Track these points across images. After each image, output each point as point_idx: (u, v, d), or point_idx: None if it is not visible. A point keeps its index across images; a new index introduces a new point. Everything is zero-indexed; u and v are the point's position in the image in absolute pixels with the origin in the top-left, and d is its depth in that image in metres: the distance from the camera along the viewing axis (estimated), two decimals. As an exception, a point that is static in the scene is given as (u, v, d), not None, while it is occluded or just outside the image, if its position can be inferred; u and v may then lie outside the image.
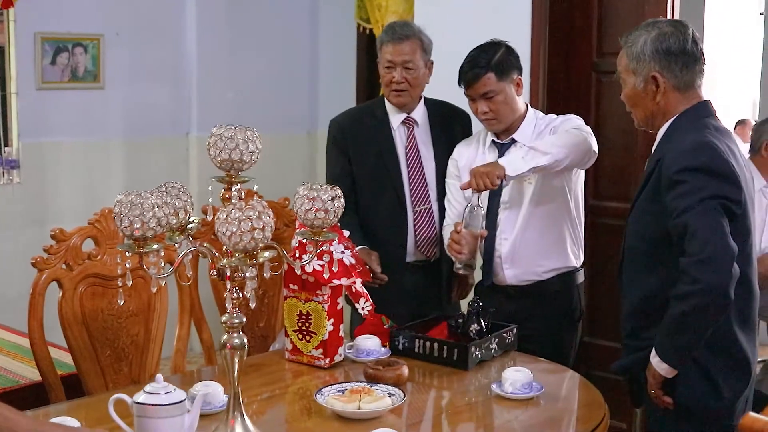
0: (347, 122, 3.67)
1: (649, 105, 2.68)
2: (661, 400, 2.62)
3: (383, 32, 3.56)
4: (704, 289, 2.42)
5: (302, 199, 2.25)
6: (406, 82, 3.49)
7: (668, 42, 2.63)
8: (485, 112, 3.25)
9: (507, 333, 2.99)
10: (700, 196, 2.45)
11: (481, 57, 3.24)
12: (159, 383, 2.19)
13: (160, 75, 5.75)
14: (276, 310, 3.41)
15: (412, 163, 3.57)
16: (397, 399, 2.47)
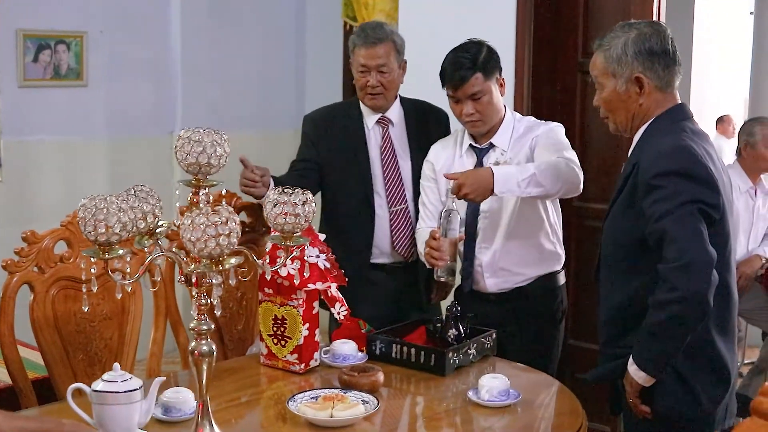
0: (320, 119, 3.65)
1: (631, 107, 2.63)
2: (638, 409, 2.58)
3: (355, 35, 3.50)
4: (683, 297, 2.38)
5: (272, 203, 2.21)
6: (381, 86, 3.46)
7: (650, 42, 2.59)
8: (471, 114, 3.19)
9: (486, 338, 2.96)
10: (677, 201, 2.41)
11: (466, 57, 3.18)
12: (116, 372, 2.24)
13: (144, 73, 5.71)
14: (254, 313, 3.36)
15: (387, 163, 3.53)
16: (370, 406, 2.43)
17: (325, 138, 3.57)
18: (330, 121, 3.61)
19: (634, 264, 2.59)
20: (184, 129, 2.25)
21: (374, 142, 3.55)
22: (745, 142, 4.98)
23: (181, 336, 3.23)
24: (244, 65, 6.12)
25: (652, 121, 2.62)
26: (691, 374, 2.54)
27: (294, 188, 2.20)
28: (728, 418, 2.67)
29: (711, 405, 2.58)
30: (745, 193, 4.95)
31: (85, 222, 2.02)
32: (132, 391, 2.21)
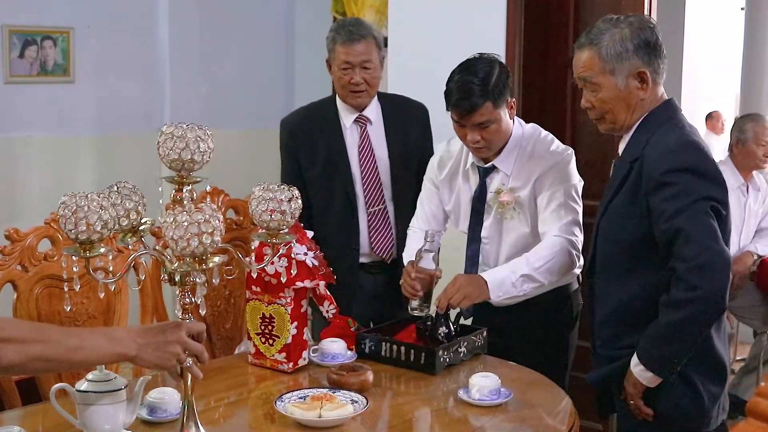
0: (296, 123, 3.58)
1: (632, 103, 2.56)
2: (641, 410, 2.55)
3: (334, 32, 3.44)
4: (702, 296, 2.36)
5: (258, 199, 2.18)
6: (365, 83, 3.40)
7: (646, 36, 2.54)
8: (477, 141, 2.99)
9: (476, 336, 2.92)
10: (690, 199, 2.38)
11: (475, 83, 2.92)
12: (100, 371, 2.21)
13: (131, 69, 5.68)
14: (242, 311, 3.31)
15: (365, 164, 3.48)
16: (359, 406, 2.40)
17: (302, 143, 3.52)
18: (307, 124, 3.54)
19: (634, 264, 2.55)
20: (166, 125, 2.21)
21: (352, 142, 3.50)
22: (737, 139, 4.97)
23: (168, 335, 3.19)
24: (234, 61, 6.08)
25: (645, 117, 2.58)
26: (692, 372, 2.52)
27: (280, 185, 2.16)
28: (720, 414, 2.65)
29: (710, 403, 2.56)
30: (736, 189, 4.93)
31: (66, 220, 1.98)
32: (117, 391, 2.20)
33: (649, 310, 2.47)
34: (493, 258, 3.15)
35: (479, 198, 3.13)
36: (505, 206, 3.06)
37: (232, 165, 6.05)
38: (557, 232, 2.99)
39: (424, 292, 2.96)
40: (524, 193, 3.05)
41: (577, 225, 3.05)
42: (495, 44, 4.23)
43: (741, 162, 4.95)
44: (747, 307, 4.94)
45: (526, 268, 2.93)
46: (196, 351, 2.12)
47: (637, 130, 2.58)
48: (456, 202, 3.21)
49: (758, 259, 4.89)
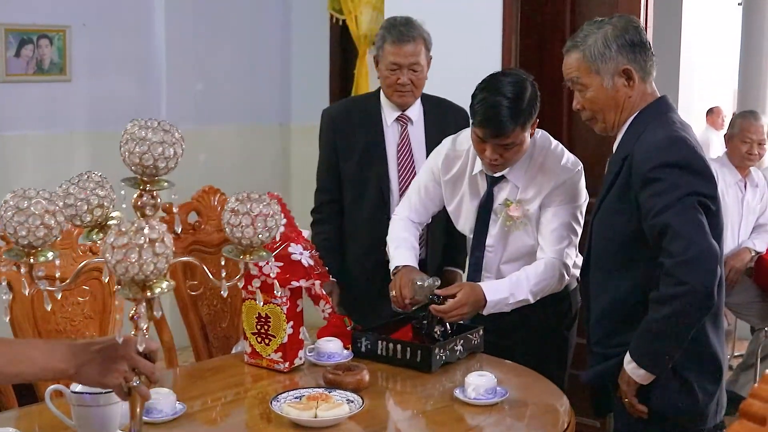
0: (338, 113, 3.58)
1: (620, 101, 2.58)
2: (636, 408, 2.55)
3: (385, 31, 3.40)
4: (690, 291, 2.36)
5: (229, 212, 1.92)
6: (412, 84, 3.39)
7: (629, 35, 2.56)
8: (496, 159, 2.93)
9: (473, 334, 2.92)
10: (678, 194, 2.38)
11: (505, 105, 2.83)
12: None
13: (128, 66, 5.66)
14: (239, 310, 3.31)
15: (403, 162, 3.48)
16: (355, 406, 2.39)
17: (342, 134, 3.51)
18: (348, 115, 3.54)
19: (626, 261, 2.56)
20: (131, 122, 1.95)
21: (392, 140, 3.50)
22: (728, 135, 4.99)
23: (164, 334, 3.18)
24: (229, 58, 6.07)
25: (636, 115, 2.58)
26: (686, 369, 2.52)
27: (259, 194, 1.96)
28: (719, 412, 2.65)
29: (706, 399, 2.56)
30: (734, 185, 4.94)
31: (5, 222, 1.78)
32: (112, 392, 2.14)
33: (642, 306, 2.48)
34: (495, 265, 3.14)
35: (485, 206, 3.10)
36: (514, 220, 3.04)
37: (228, 162, 6.07)
38: (555, 255, 3.00)
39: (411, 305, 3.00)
40: (533, 206, 3.04)
41: (574, 248, 3.07)
42: (491, 42, 4.23)
43: (732, 158, 4.96)
44: (744, 304, 4.94)
45: (526, 293, 2.95)
46: (145, 370, 1.94)
47: (629, 128, 2.59)
48: (458, 204, 3.19)
49: (756, 255, 4.89)
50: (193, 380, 2.76)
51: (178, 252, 3.17)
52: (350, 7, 5.94)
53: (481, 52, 4.24)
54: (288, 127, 6.41)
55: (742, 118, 5.04)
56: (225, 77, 6.05)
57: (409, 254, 3.14)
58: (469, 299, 2.87)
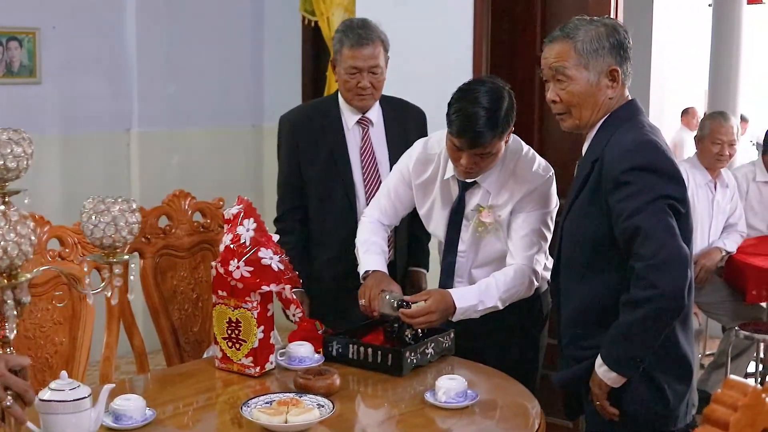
0: (298, 120, 3.52)
1: (600, 100, 2.57)
2: (607, 411, 2.56)
3: (342, 35, 3.35)
4: (661, 294, 2.37)
5: (89, 213, 1.89)
6: (372, 86, 3.36)
7: (620, 37, 2.56)
8: (471, 167, 2.92)
9: (444, 337, 2.92)
10: (648, 198, 2.39)
11: (482, 115, 2.81)
12: (64, 380, 2.18)
13: (98, 69, 5.63)
14: (210, 314, 3.30)
15: (367, 165, 3.46)
16: (326, 410, 2.39)
17: (304, 141, 3.46)
18: (308, 121, 3.49)
19: (597, 263, 2.57)
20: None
21: (354, 144, 3.46)
22: (698, 137, 5.02)
23: (135, 339, 3.18)
24: (201, 60, 6.05)
25: (606, 118, 2.59)
26: (657, 371, 2.54)
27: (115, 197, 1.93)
28: (689, 412, 2.66)
29: (676, 400, 2.58)
30: (704, 186, 4.97)
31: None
32: (80, 400, 2.16)
33: (612, 309, 2.49)
34: (466, 270, 3.14)
35: (457, 212, 3.10)
36: (486, 226, 3.05)
37: (200, 164, 6.05)
38: (525, 261, 3.01)
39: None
40: (505, 212, 3.04)
41: (544, 253, 3.08)
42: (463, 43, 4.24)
43: (702, 159, 5.00)
44: (715, 303, 4.98)
45: (495, 300, 2.95)
46: (18, 388, 1.83)
47: (599, 130, 2.59)
48: (430, 209, 3.18)
49: (726, 255, 4.93)
50: (163, 385, 2.75)
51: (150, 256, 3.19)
52: (322, 9, 5.93)
53: (453, 53, 4.25)
54: (260, 128, 6.40)
55: (712, 119, 5.08)
56: (197, 79, 6.03)
57: (379, 258, 3.14)
58: (438, 307, 2.87)
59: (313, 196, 3.48)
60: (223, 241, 2.74)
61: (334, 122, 3.46)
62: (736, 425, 1.31)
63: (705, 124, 5.03)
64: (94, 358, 3.04)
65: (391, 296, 2.91)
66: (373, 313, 2.96)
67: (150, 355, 3.25)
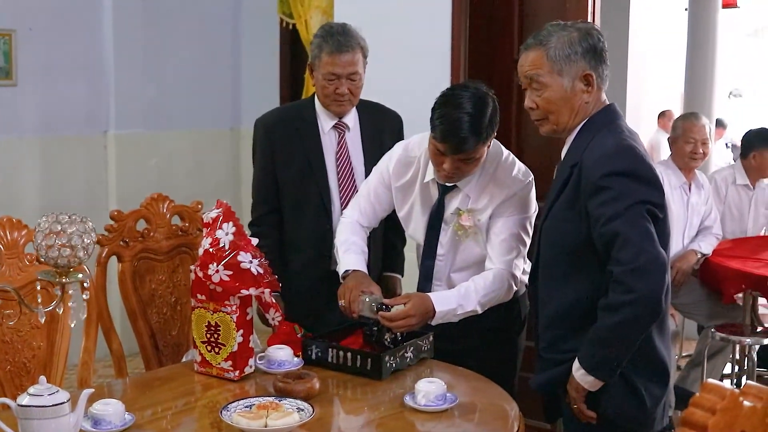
0: (273, 123, 3.50)
1: (576, 105, 2.58)
2: (585, 414, 2.57)
3: (322, 40, 3.33)
4: (639, 299, 2.38)
5: (43, 232, 1.89)
6: (350, 92, 3.35)
7: (593, 41, 2.57)
8: (453, 172, 2.93)
9: (423, 341, 2.93)
10: (627, 203, 2.41)
11: (469, 123, 2.81)
12: (42, 385, 2.18)
13: (76, 71, 5.60)
14: (189, 318, 3.29)
15: (342, 170, 3.44)
16: (305, 414, 2.39)
17: (279, 144, 3.45)
18: (284, 125, 3.47)
19: (575, 267, 2.58)
20: None
21: (330, 148, 3.45)
22: (672, 138, 5.05)
23: (114, 343, 3.17)
24: (179, 62, 6.03)
25: (585, 122, 2.60)
26: (634, 375, 2.55)
27: (71, 215, 1.92)
28: (665, 415, 2.68)
29: (653, 404, 2.59)
30: (678, 188, 5.00)
31: None
32: (59, 405, 2.16)
33: (590, 313, 2.50)
34: (445, 273, 3.15)
35: (437, 215, 3.10)
36: (465, 230, 3.05)
37: (178, 168, 6.03)
38: (504, 265, 3.02)
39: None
40: (484, 216, 3.04)
41: (522, 258, 3.09)
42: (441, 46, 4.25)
43: (676, 160, 5.03)
44: (692, 303, 5.01)
45: (474, 304, 2.95)
46: None
47: (578, 135, 2.61)
48: (409, 211, 3.17)
49: (702, 257, 4.96)
50: (142, 390, 2.75)
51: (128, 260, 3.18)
52: (300, 12, 5.93)
53: (431, 57, 4.26)
54: (238, 131, 6.38)
55: (684, 119, 5.13)
56: (174, 81, 6.00)
57: (359, 258, 3.13)
58: (418, 310, 2.87)
59: (287, 200, 3.47)
60: (202, 245, 2.74)
61: (310, 126, 3.45)
62: (714, 428, 1.33)
63: (677, 125, 5.07)
64: (71, 362, 3.03)
65: (371, 299, 2.92)
66: (353, 314, 2.96)
67: (128, 358, 3.24)
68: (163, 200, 3.32)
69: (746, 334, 4.74)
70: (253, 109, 6.29)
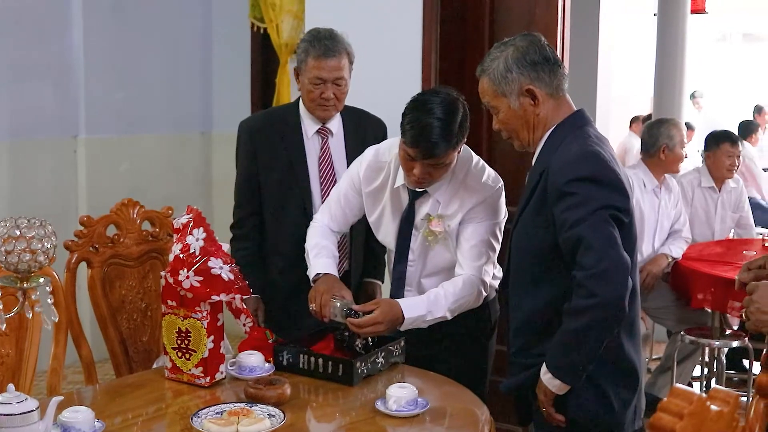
0: (257, 126, 3.51)
1: (530, 120, 2.62)
2: (553, 418, 2.59)
3: (308, 44, 3.33)
4: (601, 303, 2.40)
5: (2, 238, 1.87)
6: (335, 98, 3.35)
7: (529, 54, 2.59)
8: (423, 177, 2.93)
9: (394, 346, 2.93)
10: (590, 208, 2.43)
11: (439, 128, 2.82)
12: (10, 393, 2.16)
13: (44, 74, 5.55)
14: (160, 324, 3.28)
15: (324, 175, 3.44)
16: (277, 420, 2.39)
17: (262, 147, 3.45)
18: (268, 129, 3.48)
19: (544, 272, 2.59)
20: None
21: (313, 153, 3.45)
22: (664, 145, 5.03)
23: (83, 349, 3.15)
24: (150, 66, 6.00)
25: (553, 129, 2.62)
26: (602, 378, 2.57)
27: (30, 219, 1.90)
28: (637, 419, 2.70)
29: (623, 407, 2.61)
30: (650, 192, 5.04)
31: None
32: (28, 413, 2.14)
33: (558, 318, 2.51)
34: (416, 279, 3.16)
35: (407, 220, 3.10)
36: (435, 235, 3.06)
37: (149, 172, 5.99)
38: (474, 271, 3.03)
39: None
40: (454, 222, 3.05)
41: (492, 264, 3.10)
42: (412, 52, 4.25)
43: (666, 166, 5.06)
44: (661, 308, 5.05)
45: (444, 310, 2.95)
46: None
47: (547, 142, 2.63)
48: (379, 216, 3.18)
49: (672, 261, 5.00)
50: (112, 397, 2.73)
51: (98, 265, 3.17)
52: (271, 16, 5.92)
53: (401, 64, 4.26)
54: (209, 136, 6.37)
55: (675, 126, 5.13)
56: (145, 85, 5.97)
57: (330, 262, 3.14)
58: (386, 317, 2.87)
59: (269, 204, 3.48)
60: (172, 251, 2.73)
61: (294, 130, 3.46)
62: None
63: (672, 133, 5.06)
64: (40, 368, 3.00)
65: (342, 303, 2.92)
66: (324, 318, 2.96)
67: (97, 364, 3.22)
68: (133, 205, 3.31)
69: (715, 336, 4.79)
70: (224, 114, 6.32)
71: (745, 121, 9.40)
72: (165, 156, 6.16)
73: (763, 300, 2.06)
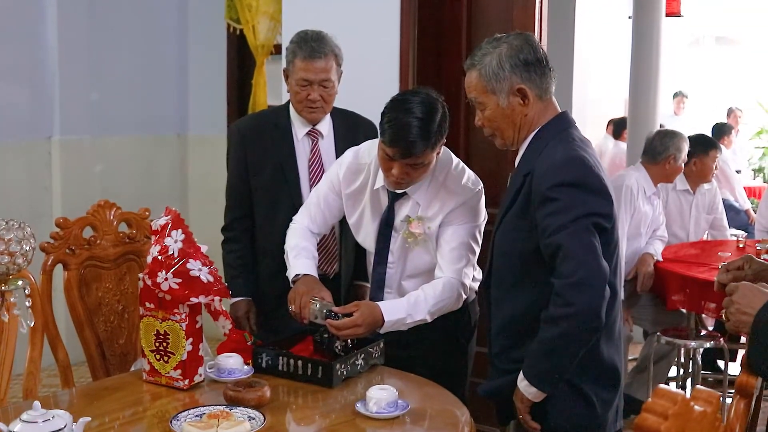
0: (248, 128, 3.51)
1: (517, 120, 2.61)
2: (529, 425, 2.59)
3: (296, 46, 3.34)
4: (576, 312, 2.40)
5: None
6: (322, 99, 3.35)
7: (523, 53, 2.58)
8: (402, 178, 2.92)
9: (373, 348, 2.93)
10: (572, 215, 2.42)
11: (418, 127, 2.81)
12: (36, 411, 2.13)
13: (18, 75, 5.50)
14: (137, 326, 3.26)
15: (315, 177, 3.44)
16: (257, 423, 2.38)
17: (252, 150, 3.45)
18: (258, 131, 3.48)
19: (525, 276, 2.59)
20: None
21: (303, 155, 3.45)
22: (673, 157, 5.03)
23: (60, 352, 3.12)
24: (125, 67, 5.97)
25: (538, 130, 2.62)
26: (583, 381, 2.57)
27: (8, 221, 1.90)
28: (618, 419, 2.71)
29: (604, 409, 2.62)
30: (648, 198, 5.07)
31: None
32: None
33: (538, 324, 2.51)
34: (396, 281, 3.15)
35: (387, 222, 3.10)
36: (415, 237, 3.05)
37: (125, 174, 5.96)
38: (454, 274, 3.02)
39: None
40: (434, 224, 3.05)
41: (472, 266, 3.10)
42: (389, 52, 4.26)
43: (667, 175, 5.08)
44: (637, 308, 5.07)
45: (424, 313, 2.95)
46: None
47: (531, 144, 2.63)
48: (359, 218, 3.18)
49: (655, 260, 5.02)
50: (89, 400, 2.70)
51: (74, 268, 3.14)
52: (248, 17, 5.91)
53: (379, 65, 4.27)
54: (185, 137, 6.33)
55: (683, 140, 5.15)
56: (121, 86, 5.94)
57: (309, 263, 3.13)
58: (366, 320, 2.86)
59: (260, 206, 3.48)
60: (150, 253, 2.71)
61: (284, 132, 3.46)
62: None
63: (681, 146, 5.08)
64: (16, 371, 2.97)
65: (321, 305, 2.91)
66: (303, 320, 2.95)
67: (74, 367, 3.19)
68: (110, 207, 3.29)
69: (691, 337, 4.82)
70: (200, 116, 6.29)
71: (718, 124, 9.48)
72: (140, 158, 6.12)
73: (743, 300, 2.07)
